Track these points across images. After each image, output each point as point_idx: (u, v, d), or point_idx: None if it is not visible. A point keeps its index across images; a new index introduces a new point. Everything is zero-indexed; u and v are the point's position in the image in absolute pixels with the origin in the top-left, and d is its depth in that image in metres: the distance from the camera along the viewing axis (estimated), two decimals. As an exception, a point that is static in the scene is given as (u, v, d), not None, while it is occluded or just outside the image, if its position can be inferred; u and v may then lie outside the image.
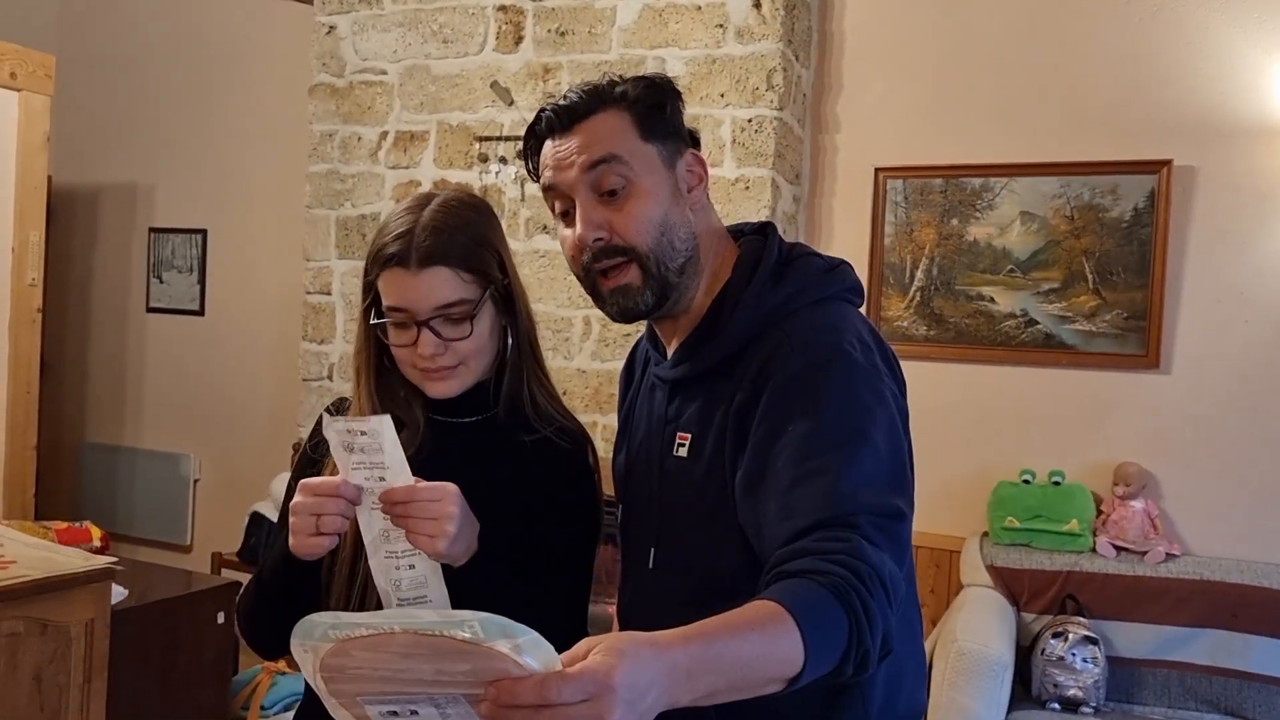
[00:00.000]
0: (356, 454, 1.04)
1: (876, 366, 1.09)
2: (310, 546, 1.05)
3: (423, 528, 1.02)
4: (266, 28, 4.56)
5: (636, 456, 1.27)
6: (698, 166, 1.19)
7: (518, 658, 0.66)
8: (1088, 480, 3.26)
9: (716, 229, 1.23)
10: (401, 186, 3.89)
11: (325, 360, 4.04)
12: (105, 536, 2.48)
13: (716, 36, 3.42)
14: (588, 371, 3.58)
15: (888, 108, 3.56)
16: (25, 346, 3.27)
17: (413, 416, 1.23)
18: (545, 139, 1.17)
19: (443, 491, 1.04)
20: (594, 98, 1.15)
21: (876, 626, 0.88)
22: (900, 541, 1.00)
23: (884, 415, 1.05)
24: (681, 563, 1.18)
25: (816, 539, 0.93)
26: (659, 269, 1.13)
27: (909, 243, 3.51)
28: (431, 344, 1.17)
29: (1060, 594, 3.08)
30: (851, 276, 1.20)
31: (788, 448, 1.02)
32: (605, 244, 1.13)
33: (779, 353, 1.08)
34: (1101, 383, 3.31)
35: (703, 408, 1.16)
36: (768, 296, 1.14)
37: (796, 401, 1.04)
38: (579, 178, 1.12)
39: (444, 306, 1.16)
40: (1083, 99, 3.33)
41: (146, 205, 4.88)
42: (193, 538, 4.75)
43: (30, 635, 1.92)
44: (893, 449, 1.04)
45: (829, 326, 1.10)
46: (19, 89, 3.21)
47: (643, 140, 1.14)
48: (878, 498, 0.98)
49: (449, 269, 1.16)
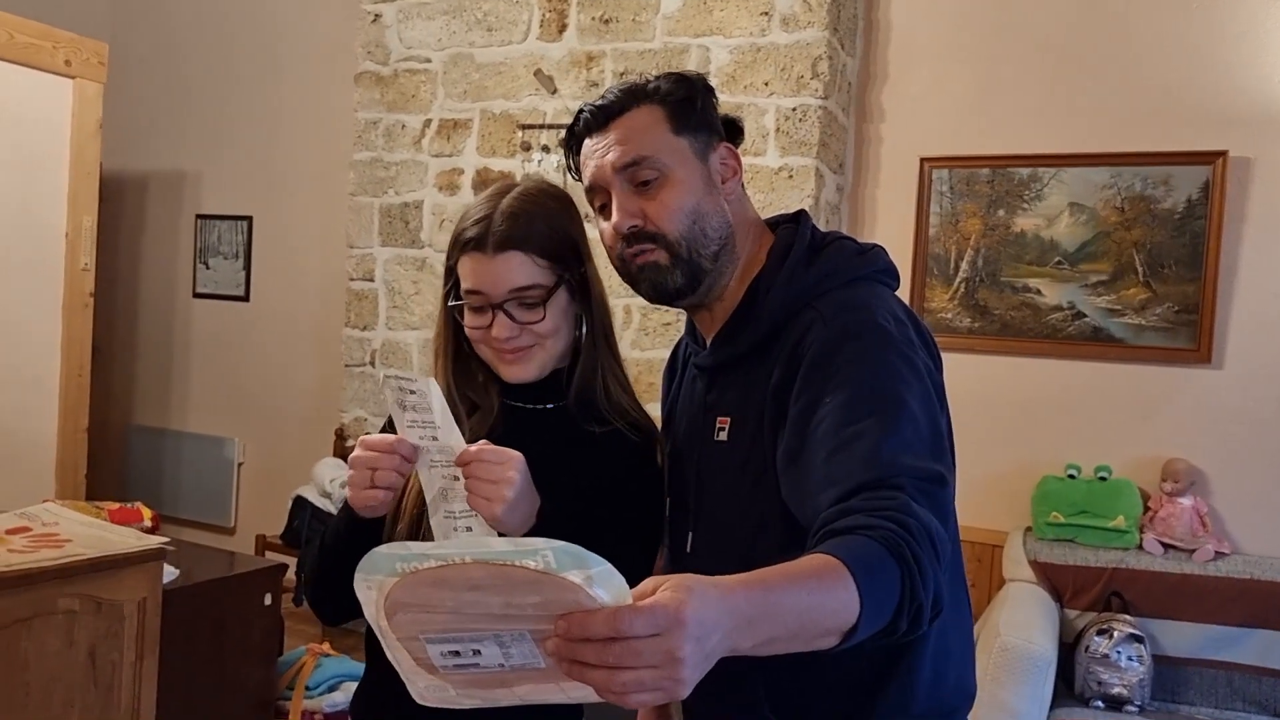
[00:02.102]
0: (409, 412, 1.07)
1: (911, 340, 1.10)
2: (366, 498, 1.08)
3: (482, 490, 1.04)
4: (313, 17, 4.59)
5: (680, 447, 1.28)
6: (731, 159, 1.22)
7: (590, 589, 0.65)
8: (1135, 476, 3.22)
9: (752, 219, 1.25)
10: (444, 174, 3.91)
11: (367, 346, 4.07)
12: (156, 517, 2.52)
13: (761, 24, 3.40)
14: (628, 359, 3.55)
15: (934, 97, 3.52)
16: (78, 330, 3.33)
17: (488, 401, 1.26)
18: (584, 138, 1.22)
19: (506, 456, 1.06)
20: (629, 95, 1.19)
21: (929, 581, 0.88)
22: (943, 506, 0.99)
23: (919, 385, 1.06)
24: (720, 546, 1.19)
25: (863, 499, 0.93)
26: (690, 254, 1.16)
27: (954, 233, 3.48)
28: (506, 327, 1.19)
29: (1105, 591, 3.05)
30: (884, 259, 1.21)
31: (826, 418, 1.03)
32: (638, 230, 1.17)
33: (812, 329, 1.10)
34: (1150, 377, 3.26)
35: (741, 391, 1.18)
36: (799, 278, 1.16)
37: (832, 373, 1.05)
38: (614, 174, 1.17)
39: (518, 290, 1.19)
40: (1135, 88, 3.27)
41: (194, 192, 4.95)
42: (236, 520, 4.82)
43: (85, 613, 1.96)
44: (930, 417, 1.05)
45: (861, 303, 1.12)
46: (73, 76, 3.26)
47: (674, 134, 1.18)
48: (919, 461, 0.99)
49: (523, 254, 1.19)
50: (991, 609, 3.00)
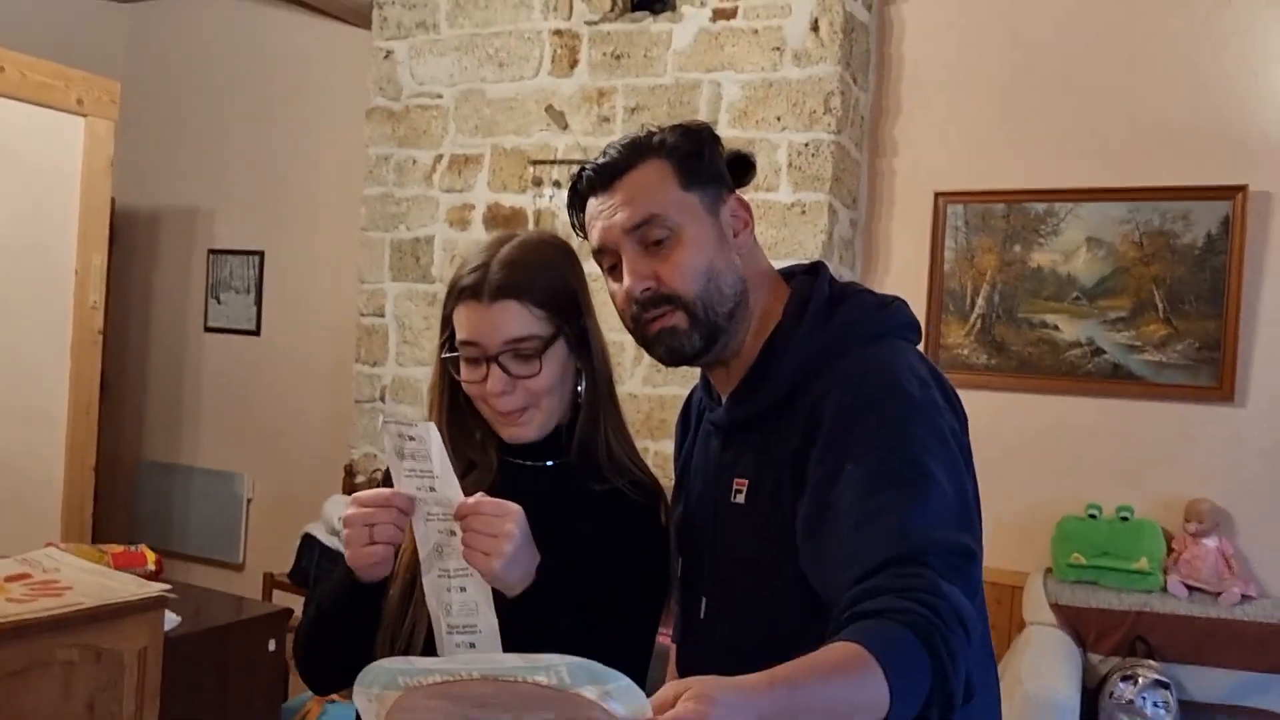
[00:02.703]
0: (407, 460, 1.03)
1: (935, 402, 1.06)
2: (366, 557, 1.04)
3: (480, 543, 1.00)
4: (325, 53, 4.61)
5: (694, 507, 1.24)
6: (741, 210, 1.19)
7: (606, 705, 0.63)
8: (1158, 516, 3.14)
9: (765, 271, 1.21)
10: (455, 210, 3.89)
11: (378, 382, 4.05)
12: (159, 560, 2.49)
13: (773, 59, 3.38)
14: (639, 396, 3.54)
15: (948, 131, 3.49)
16: (86, 368, 3.32)
17: (486, 458, 1.21)
18: (588, 196, 1.18)
19: (505, 509, 1.02)
20: (632, 152, 1.15)
21: (960, 668, 0.85)
22: (971, 582, 0.96)
23: (945, 452, 1.02)
24: (736, 614, 1.14)
25: (889, 576, 0.89)
26: (706, 314, 1.12)
27: (969, 269, 3.43)
28: (500, 380, 1.15)
29: (1129, 635, 2.97)
30: (906, 313, 1.17)
31: (847, 490, 0.99)
32: (653, 293, 1.13)
33: (832, 393, 1.06)
34: (1172, 415, 3.20)
35: (759, 452, 1.13)
36: (818, 335, 1.12)
37: (852, 441, 1.01)
38: (623, 236, 1.13)
39: (513, 341, 1.15)
40: (1153, 121, 3.23)
41: (206, 227, 4.95)
42: (245, 556, 4.78)
43: (84, 663, 1.91)
44: (957, 486, 1.00)
45: (882, 363, 1.08)
46: (85, 114, 3.27)
47: (683, 189, 1.14)
48: (946, 535, 0.94)
49: (520, 303, 1.15)
50: (1012, 654, 2.93)
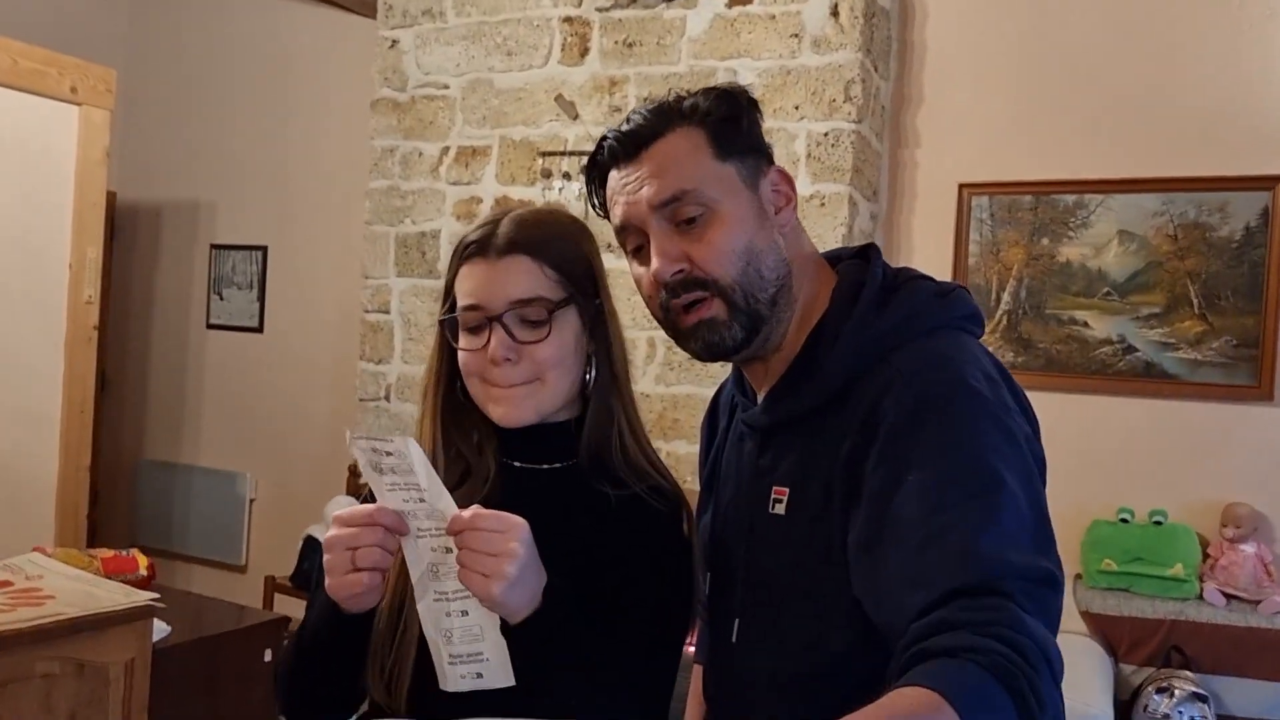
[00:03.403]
0: (388, 475, 0.92)
1: (1005, 402, 0.95)
2: (349, 586, 0.92)
3: (479, 564, 0.88)
4: (329, 43, 4.50)
5: (725, 517, 1.11)
6: (784, 184, 1.06)
7: None
8: (1192, 521, 3.01)
9: (810, 254, 1.09)
10: (462, 203, 3.78)
11: (383, 380, 3.94)
12: (152, 566, 2.38)
13: (791, 47, 3.26)
14: (652, 396, 3.42)
15: (973, 120, 3.36)
16: (81, 365, 3.21)
17: (482, 464, 1.09)
18: (609, 168, 1.05)
19: (508, 523, 0.90)
20: (660, 118, 1.02)
21: (1046, 714, 0.74)
22: (1053, 612, 0.85)
23: (1018, 458, 0.91)
24: (773, 640, 1.02)
25: (962, 607, 0.78)
26: (746, 302, 1.00)
27: (995, 263, 3.31)
28: (503, 344, 1.03)
29: (1164, 645, 2.85)
30: (969, 302, 1.07)
31: (910, 500, 0.87)
32: (685, 276, 1.00)
33: (891, 390, 0.94)
34: (1208, 415, 3.07)
35: (802, 457, 1.01)
36: (871, 326, 1.00)
37: (915, 445, 0.90)
38: (650, 213, 1.00)
39: (521, 302, 1.04)
40: (1188, 110, 3.10)
41: (209, 221, 4.85)
42: (248, 558, 4.67)
43: (66, 676, 1.81)
44: (1033, 498, 0.89)
45: (945, 357, 0.96)
46: (79, 103, 3.16)
47: (718, 160, 1.01)
48: (1024, 558, 0.83)
49: (531, 259, 1.05)
50: (1041, 664, 2.81)
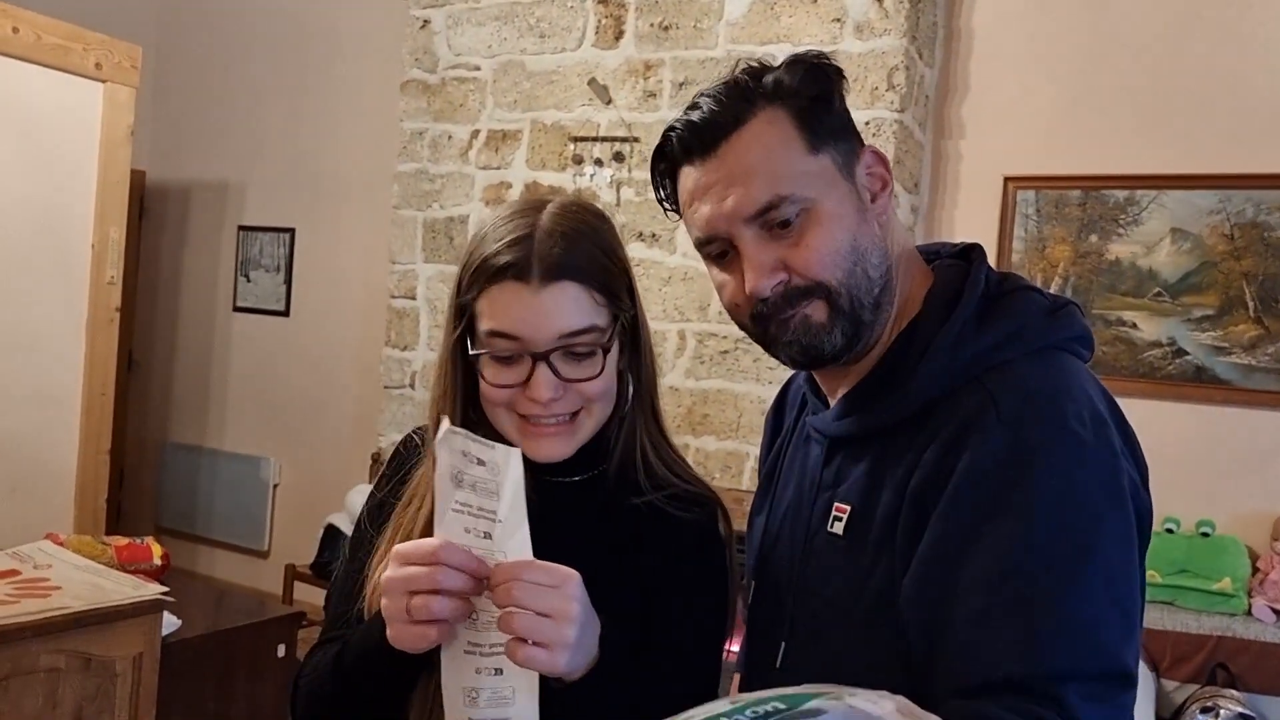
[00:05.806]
0: (465, 491, 0.78)
1: (1113, 448, 0.82)
2: (413, 641, 0.78)
3: (534, 629, 0.75)
4: (360, 23, 4.44)
5: (780, 525, 1.01)
6: (878, 166, 0.94)
7: None
8: (1241, 533, 2.90)
9: (907, 248, 0.96)
10: (492, 188, 3.71)
11: (408, 368, 3.88)
12: (166, 555, 2.33)
13: (833, 32, 3.15)
14: (680, 390, 3.34)
15: (1020, 111, 3.24)
16: (102, 347, 3.16)
17: None
18: (682, 164, 0.92)
19: (560, 577, 0.77)
20: (739, 101, 0.88)
21: None
22: (1119, 712, 0.76)
23: (1119, 522, 0.80)
24: (822, 669, 0.92)
25: (1009, 707, 0.71)
26: (851, 305, 0.88)
27: (1040, 260, 3.19)
28: (550, 385, 0.90)
29: (1209, 661, 2.73)
30: (1080, 321, 0.93)
31: (982, 558, 0.77)
32: (785, 288, 0.88)
33: (981, 420, 0.82)
34: (1261, 423, 2.94)
35: (870, 474, 0.90)
36: (969, 341, 0.87)
37: (999, 494, 0.79)
38: (741, 225, 0.87)
39: (571, 335, 0.90)
40: (1246, 103, 2.96)
41: (237, 202, 4.81)
42: (270, 544, 4.64)
43: (71, 671, 1.76)
44: (1126, 571, 0.79)
45: (1050, 390, 0.83)
46: (104, 80, 3.10)
47: (811, 151, 0.88)
48: (1096, 654, 0.75)
49: (580, 286, 0.90)
50: (1080, 679, 2.71)
